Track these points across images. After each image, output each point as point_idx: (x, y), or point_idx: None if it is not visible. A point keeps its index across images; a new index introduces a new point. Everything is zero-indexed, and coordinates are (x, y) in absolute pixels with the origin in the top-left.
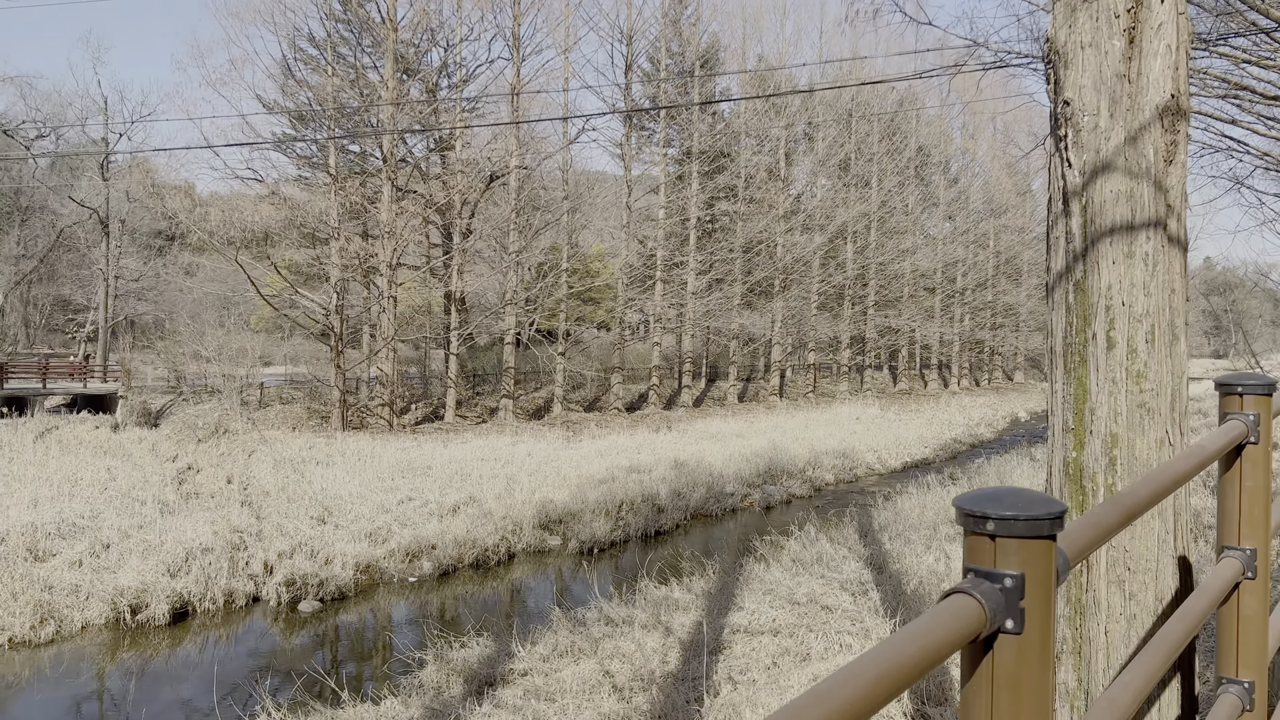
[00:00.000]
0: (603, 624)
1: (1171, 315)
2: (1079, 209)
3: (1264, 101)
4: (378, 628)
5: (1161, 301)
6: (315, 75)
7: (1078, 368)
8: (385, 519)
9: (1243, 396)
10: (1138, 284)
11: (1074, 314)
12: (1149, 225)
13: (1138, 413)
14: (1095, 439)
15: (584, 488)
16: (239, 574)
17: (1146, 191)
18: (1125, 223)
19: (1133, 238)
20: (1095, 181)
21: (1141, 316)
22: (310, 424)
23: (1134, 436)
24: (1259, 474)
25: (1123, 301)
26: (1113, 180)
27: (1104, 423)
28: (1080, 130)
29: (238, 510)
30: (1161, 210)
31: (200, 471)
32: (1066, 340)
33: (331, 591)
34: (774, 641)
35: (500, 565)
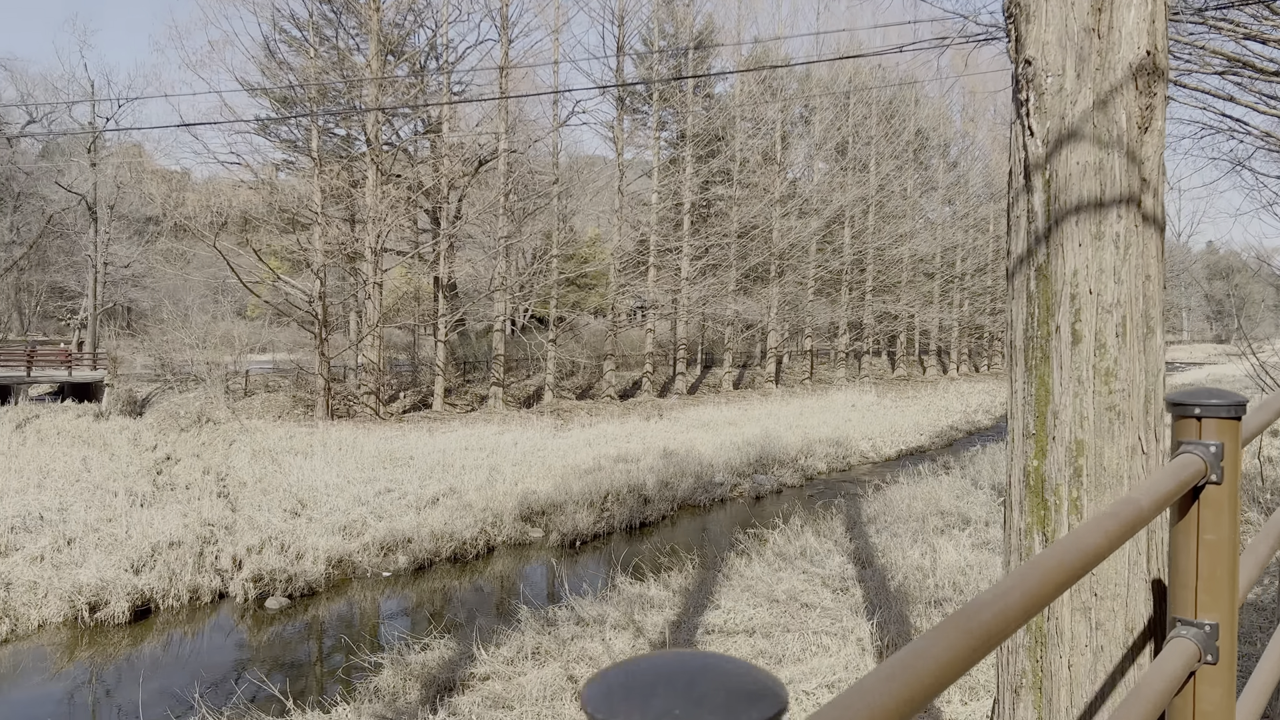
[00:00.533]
0: (573, 623)
1: (1146, 305)
2: (1041, 184)
3: (1264, 78)
4: (343, 626)
5: (1134, 289)
6: (298, 57)
7: (1039, 365)
8: (361, 511)
9: (1201, 421)
10: (1107, 269)
11: (1035, 304)
12: (1121, 202)
13: (1106, 416)
14: (1059, 446)
15: (569, 478)
16: (206, 569)
17: (1118, 163)
18: (1094, 199)
19: (1102, 216)
20: (1060, 152)
21: (1111, 306)
22: (295, 413)
23: (1102, 443)
24: (1223, 524)
25: (1090, 289)
26: (1080, 150)
27: (1068, 428)
28: (1043, 93)
29: (212, 502)
30: (1135, 185)
31: (178, 462)
32: (1027, 334)
33: (301, 588)
34: (749, 642)
35: (479, 559)
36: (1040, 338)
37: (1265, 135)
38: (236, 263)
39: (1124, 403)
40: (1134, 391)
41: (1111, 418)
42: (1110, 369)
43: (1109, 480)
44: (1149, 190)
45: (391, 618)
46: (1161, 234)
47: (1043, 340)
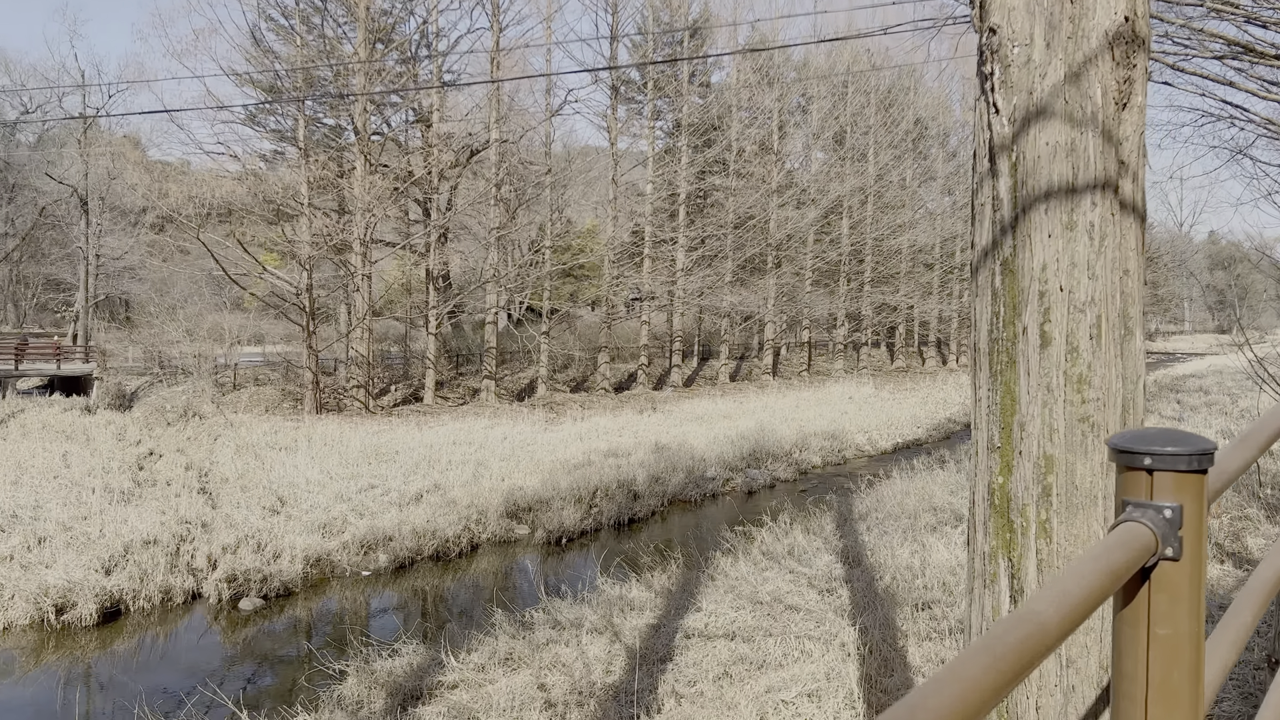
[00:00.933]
0: (549, 627)
1: (1123, 303)
2: (1008, 167)
3: (1264, 62)
4: (315, 629)
5: (1110, 286)
6: (285, 46)
7: (1005, 370)
8: (342, 509)
9: (1153, 475)
10: (1080, 263)
11: (1001, 302)
12: (1095, 187)
13: (1079, 429)
14: (1026, 461)
15: (557, 473)
16: (179, 569)
17: (1092, 144)
18: (1065, 184)
19: (1074, 204)
20: (1028, 132)
21: (1084, 305)
22: (284, 407)
23: (1074, 459)
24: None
25: (1060, 286)
26: (1050, 129)
27: (1036, 441)
28: (1009, 65)
29: (191, 499)
30: (1112, 168)
31: (160, 458)
32: (992, 335)
33: (276, 588)
34: (729, 647)
35: (462, 557)
36: (1006, 340)
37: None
38: (225, 255)
39: (1098, 413)
40: (1110, 401)
41: (1084, 430)
42: (1083, 375)
43: (1081, 500)
44: (1127, 174)
45: (366, 620)
46: (1142, 224)
47: (1008, 343)
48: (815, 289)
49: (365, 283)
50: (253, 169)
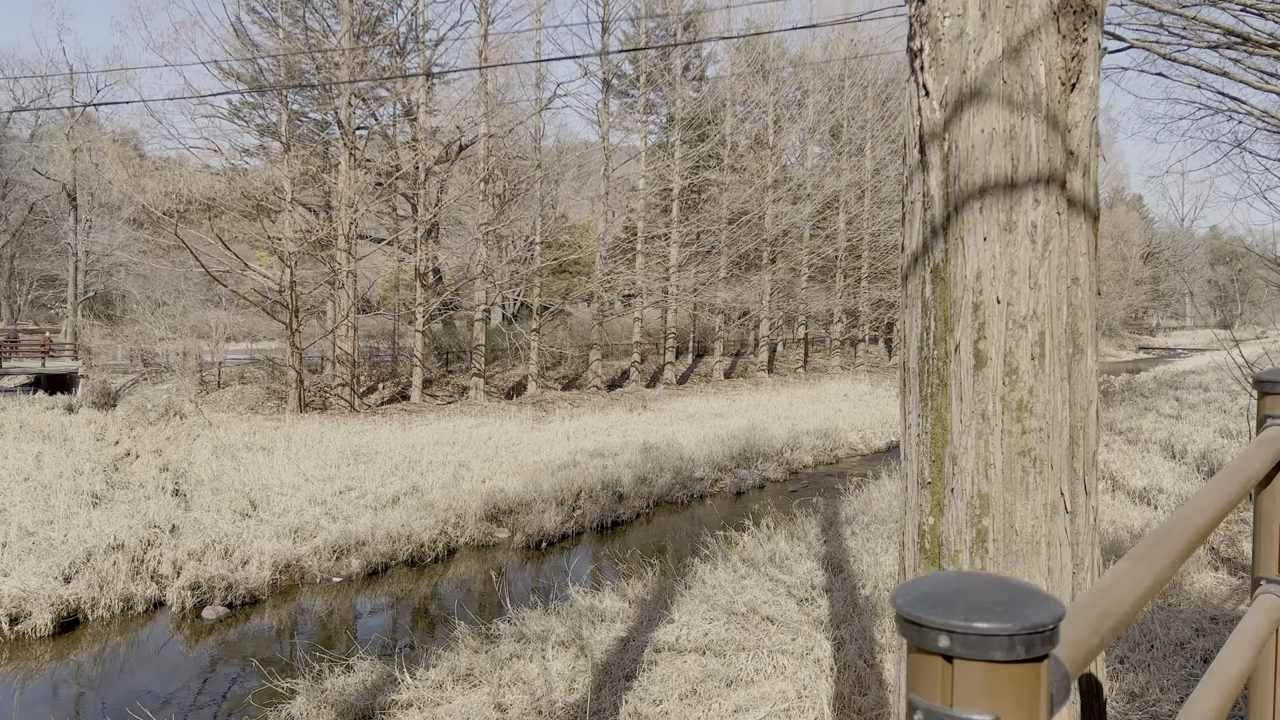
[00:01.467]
0: (514, 640)
1: (1072, 317)
2: (939, 159)
3: (1261, 52)
4: (275, 640)
5: (1056, 297)
6: (269, 39)
7: (936, 394)
8: (315, 512)
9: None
10: (1020, 271)
11: (932, 315)
12: (1038, 182)
13: (1019, 464)
14: (958, 501)
15: (540, 475)
16: (142, 576)
17: (1035, 131)
18: (1003, 178)
19: (1014, 201)
20: (961, 117)
21: (1025, 320)
22: (269, 405)
23: (1013, 499)
24: None
25: (998, 297)
26: (986, 114)
27: (970, 477)
28: (940, 39)
29: (163, 502)
30: (1058, 159)
31: (136, 459)
32: (922, 353)
33: (242, 595)
34: (700, 663)
35: (438, 562)
36: (937, 359)
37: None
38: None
39: (1041, 446)
40: (1055, 431)
41: (1025, 465)
42: (1024, 402)
43: (1022, 547)
44: (1077, 166)
45: (329, 630)
46: (1094, 224)
47: (939, 362)
48: (811, 285)
49: (350, 279)
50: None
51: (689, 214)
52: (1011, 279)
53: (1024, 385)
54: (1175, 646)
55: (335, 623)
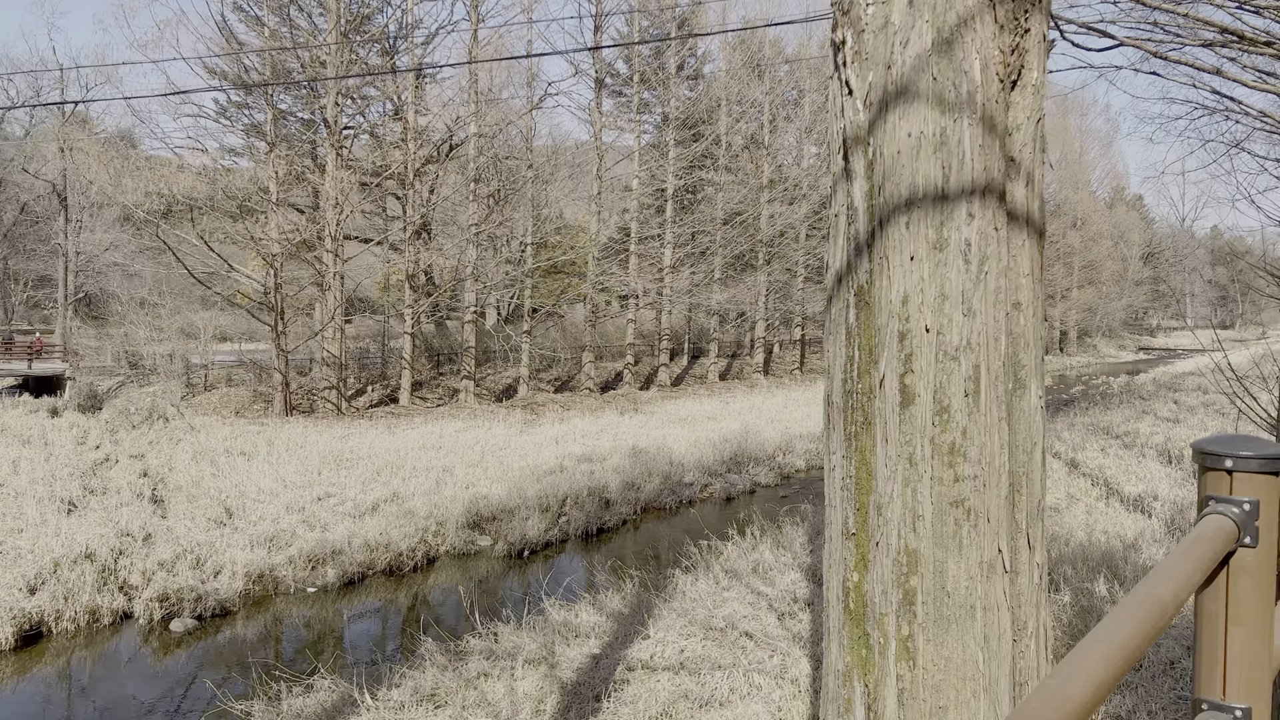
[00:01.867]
0: (483, 657)
1: (1011, 347)
2: (863, 165)
3: (1258, 50)
4: (241, 655)
5: (993, 325)
6: (254, 37)
7: (860, 433)
8: (292, 520)
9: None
10: (952, 295)
11: (856, 343)
12: (972, 193)
13: (951, 516)
14: (884, 556)
15: (525, 481)
16: (110, 588)
17: (969, 134)
18: (933, 189)
19: (945, 215)
20: (886, 118)
21: (958, 351)
22: (255, 408)
23: (944, 556)
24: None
25: (926, 325)
26: (914, 115)
27: (896, 530)
28: (864, 30)
29: (138, 509)
30: (995, 167)
31: (116, 464)
32: (846, 386)
33: (212, 607)
34: (674, 682)
35: (417, 571)
36: (861, 394)
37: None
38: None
39: (976, 495)
40: (992, 478)
41: (958, 517)
42: (956, 445)
43: (955, 611)
44: (1019, 175)
45: (296, 643)
46: (1040, 240)
47: (864, 397)
48: (808, 286)
49: (337, 280)
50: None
51: (683, 214)
52: (942, 304)
53: (956, 426)
54: (1165, 666)
55: (304, 636)
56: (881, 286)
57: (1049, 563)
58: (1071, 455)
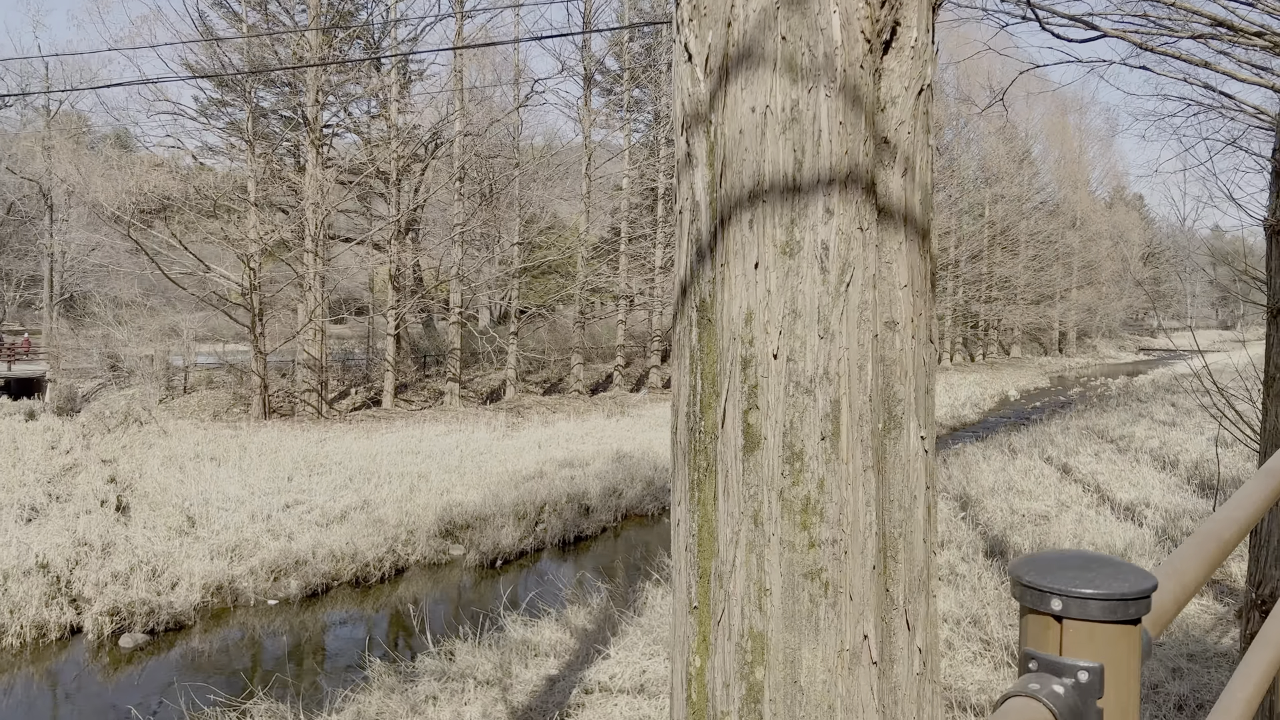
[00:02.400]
0: (434, 678)
1: (886, 378)
2: (704, 149)
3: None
4: (188, 672)
5: (858, 349)
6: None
7: (703, 482)
8: (257, 529)
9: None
10: (805, 312)
11: (699, 371)
12: (830, 183)
13: (805, 590)
14: (725, 639)
15: (503, 487)
16: (59, 601)
17: (825, 109)
18: (782, 178)
19: (796, 212)
20: (727, 89)
21: (813, 382)
22: (234, 411)
23: (797, 641)
24: None
25: (775, 350)
26: (758, 86)
27: (740, 606)
28: None
29: (101, 518)
30: (860, 151)
31: (82, 470)
32: (690, 423)
33: (165, 621)
34: (631, 705)
35: (384, 582)
36: (704, 433)
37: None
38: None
39: (835, 565)
40: (855, 543)
41: (813, 593)
42: (811, 500)
43: (809, 712)
44: (895, 161)
45: (247, 660)
46: (924, 242)
47: (707, 438)
48: None
49: (317, 281)
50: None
51: (671, 216)
52: (794, 324)
53: (811, 477)
54: (1148, 691)
55: (255, 652)
56: (723, 301)
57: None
58: (1064, 460)
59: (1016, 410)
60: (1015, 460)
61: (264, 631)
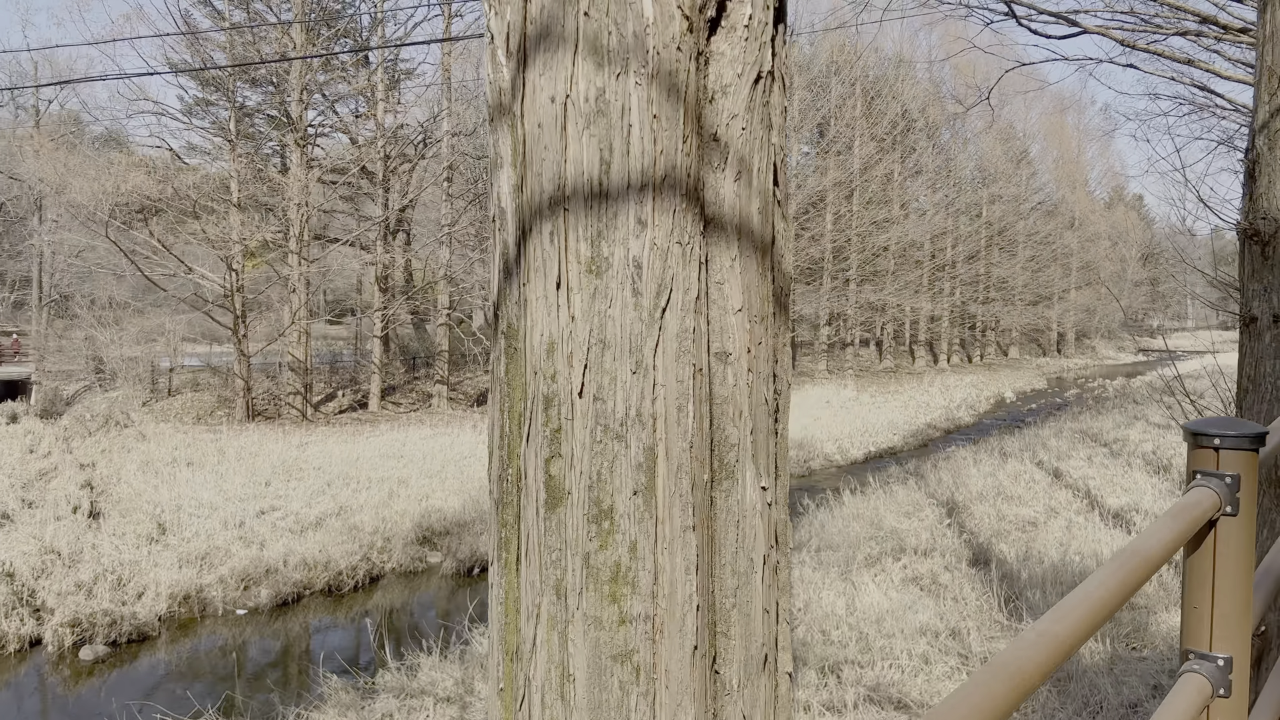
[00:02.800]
0: (393, 695)
1: (716, 420)
2: (509, 146)
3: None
4: (144, 687)
5: (676, 387)
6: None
7: (511, 539)
8: (228, 536)
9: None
10: (615, 342)
11: (506, 408)
12: (644, 189)
13: (613, 676)
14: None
15: (484, 492)
16: (20, 611)
17: (637, 98)
18: (586, 181)
19: (604, 222)
20: (526, 75)
21: (624, 426)
22: (218, 414)
23: None
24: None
25: (579, 388)
26: (558, 70)
27: (540, 694)
28: None
29: (71, 525)
30: (678, 149)
31: (59, 474)
32: (500, 468)
33: (128, 632)
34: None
35: (358, 590)
36: (512, 480)
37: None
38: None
39: (649, 647)
40: (673, 620)
41: (623, 679)
42: (621, 568)
43: None
44: (726, 162)
45: (204, 675)
46: (764, 258)
47: (513, 486)
48: (798, 287)
49: (302, 283)
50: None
51: None
52: (601, 356)
53: (622, 539)
54: (1127, 710)
55: (216, 665)
56: (525, 328)
57: None
58: (1056, 465)
59: (1012, 412)
60: (1006, 464)
61: (228, 643)
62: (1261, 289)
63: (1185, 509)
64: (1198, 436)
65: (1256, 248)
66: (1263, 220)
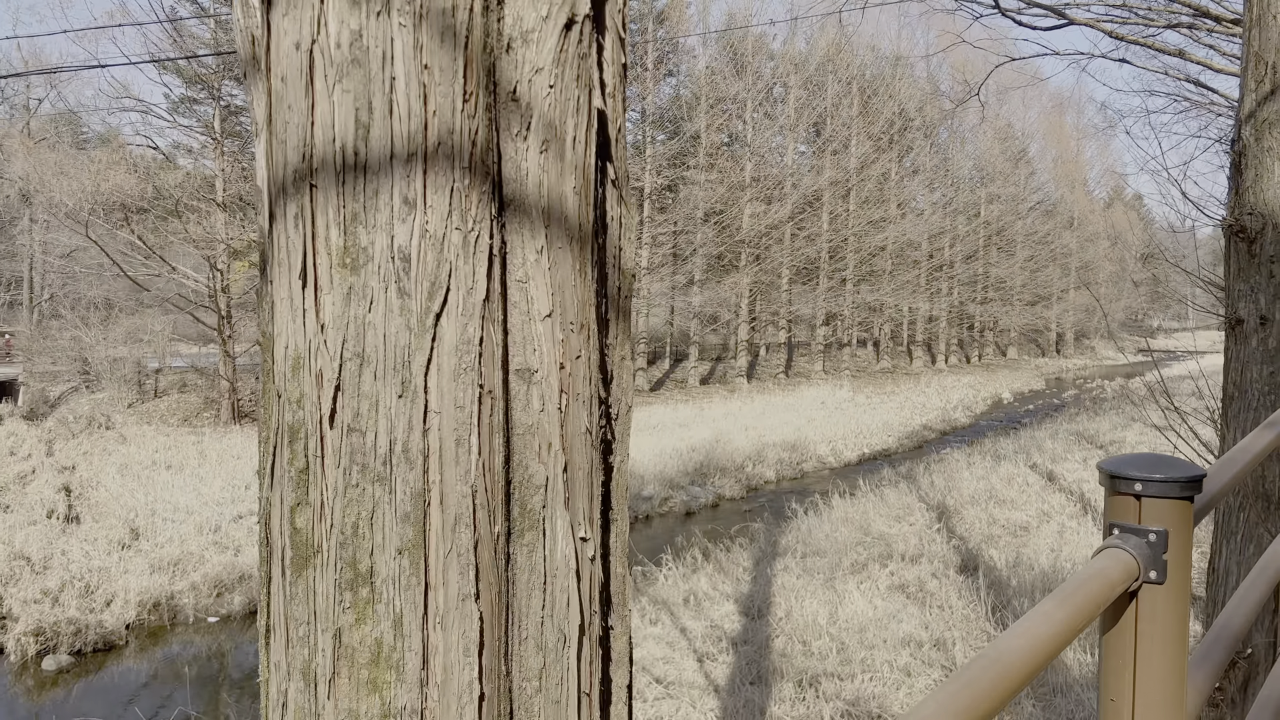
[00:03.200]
0: None
1: (519, 457)
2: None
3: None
4: (104, 699)
5: (455, 415)
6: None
7: (268, 605)
8: (203, 541)
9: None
10: (376, 357)
11: (264, 436)
12: (411, 160)
13: None
14: None
15: None
16: None
17: (401, 44)
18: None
19: (362, 203)
20: (270, 19)
21: (387, 465)
22: (205, 416)
23: None
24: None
25: (329, 415)
26: (304, 11)
27: None
28: None
29: (44, 529)
30: (459, 113)
31: (38, 478)
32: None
33: (94, 641)
34: None
35: None
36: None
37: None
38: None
39: None
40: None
41: None
42: (384, 648)
43: None
44: (529, 129)
45: (164, 686)
46: (584, 250)
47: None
48: (795, 287)
49: None
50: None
51: (660, 214)
52: (359, 375)
53: (385, 610)
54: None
55: (180, 675)
56: (272, 336)
57: None
58: (1050, 467)
59: (1009, 413)
60: (1000, 467)
61: (196, 652)
62: (1248, 289)
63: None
64: (1115, 480)
65: (1242, 245)
66: (1249, 216)
